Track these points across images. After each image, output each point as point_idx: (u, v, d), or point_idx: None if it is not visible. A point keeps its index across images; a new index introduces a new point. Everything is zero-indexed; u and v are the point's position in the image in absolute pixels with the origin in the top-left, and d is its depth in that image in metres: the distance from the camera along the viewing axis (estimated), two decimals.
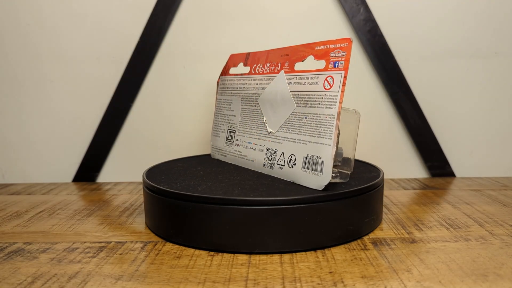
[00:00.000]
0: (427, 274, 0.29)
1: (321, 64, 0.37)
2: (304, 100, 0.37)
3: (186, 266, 0.31)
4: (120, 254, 0.34)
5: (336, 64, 0.35)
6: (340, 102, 0.34)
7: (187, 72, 0.58)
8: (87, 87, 0.58)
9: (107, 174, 0.60)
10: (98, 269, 0.31)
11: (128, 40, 0.57)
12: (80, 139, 0.59)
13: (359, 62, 0.57)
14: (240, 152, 0.45)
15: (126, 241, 0.36)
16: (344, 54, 0.35)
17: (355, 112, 0.38)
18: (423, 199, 0.48)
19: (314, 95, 0.36)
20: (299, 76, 0.39)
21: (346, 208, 0.35)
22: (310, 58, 0.38)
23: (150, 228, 0.39)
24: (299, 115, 0.38)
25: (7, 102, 0.58)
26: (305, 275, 0.29)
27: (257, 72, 0.44)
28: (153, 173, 0.43)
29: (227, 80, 0.49)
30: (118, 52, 0.57)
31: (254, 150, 0.43)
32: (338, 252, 0.33)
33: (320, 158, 0.35)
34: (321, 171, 0.35)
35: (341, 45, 0.35)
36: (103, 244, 0.36)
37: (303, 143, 0.37)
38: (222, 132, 0.49)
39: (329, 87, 0.35)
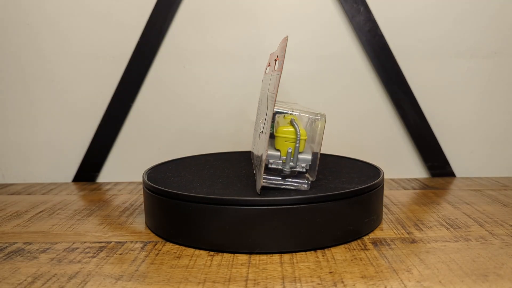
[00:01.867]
0: (427, 274, 0.29)
1: (278, 64, 0.36)
2: (269, 101, 0.37)
3: (186, 266, 0.31)
4: (120, 254, 0.34)
5: (280, 64, 0.34)
6: (273, 104, 0.33)
7: (187, 72, 0.58)
8: (87, 87, 0.58)
9: (107, 174, 0.60)
10: (98, 269, 0.31)
11: (128, 40, 0.57)
12: (80, 139, 0.59)
13: (359, 62, 0.57)
14: (254, 149, 0.46)
15: (126, 241, 0.36)
16: (283, 53, 0.33)
17: (320, 115, 0.36)
18: (423, 199, 0.48)
19: (270, 96, 0.36)
20: (274, 76, 0.38)
21: (346, 208, 0.35)
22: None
23: (150, 228, 0.39)
24: (269, 116, 0.37)
25: (7, 103, 0.58)
26: (305, 275, 0.29)
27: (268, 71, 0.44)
28: (153, 173, 0.43)
29: (263, 79, 0.49)
30: (118, 52, 0.57)
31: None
32: (338, 252, 0.33)
33: (262, 162, 0.34)
34: (260, 175, 0.34)
35: (283, 44, 0.34)
36: (103, 244, 0.36)
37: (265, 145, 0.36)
38: (255, 130, 0.49)
39: (273, 88, 0.34)
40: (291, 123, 0.35)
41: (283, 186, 0.36)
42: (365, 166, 0.45)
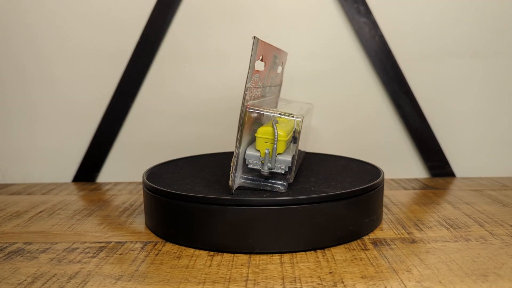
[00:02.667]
0: (427, 274, 0.29)
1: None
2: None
3: (186, 266, 0.31)
4: (120, 254, 0.34)
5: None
6: (243, 103, 0.33)
7: (187, 72, 0.58)
8: (87, 87, 0.58)
9: (107, 174, 0.60)
10: (98, 269, 0.31)
11: (128, 40, 0.57)
12: (80, 139, 0.59)
13: (359, 62, 0.57)
14: None
15: (126, 241, 0.36)
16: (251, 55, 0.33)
17: (296, 117, 0.35)
18: (423, 199, 0.48)
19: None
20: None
21: (346, 208, 0.35)
22: None
23: (150, 228, 0.39)
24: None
25: (7, 103, 0.58)
26: (305, 275, 0.29)
27: None
28: (153, 173, 0.43)
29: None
30: (118, 52, 0.57)
31: None
32: (338, 252, 0.33)
33: (233, 161, 0.34)
34: (232, 174, 0.34)
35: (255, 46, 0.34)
36: (103, 244, 0.36)
37: None
38: None
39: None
40: (272, 123, 0.35)
41: (259, 187, 0.35)
42: (366, 166, 0.45)
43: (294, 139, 0.41)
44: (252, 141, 0.36)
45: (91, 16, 0.56)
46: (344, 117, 0.59)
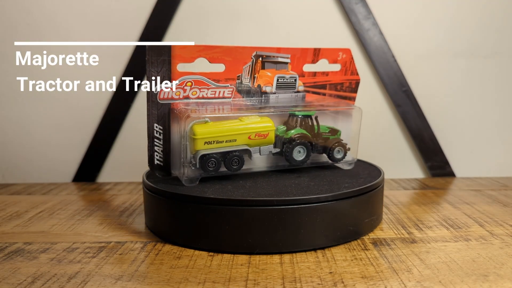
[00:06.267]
0: (427, 274, 0.29)
1: None
2: None
3: (186, 266, 0.31)
4: (120, 254, 0.34)
5: None
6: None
7: None
8: (87, 86, 0.58)
9: (107, 174, 0.59)
10: (98, 269, 0.31)
11: (129, 39, 0.57)
12: (80, 139, 0.59)
13: (359, 62, 0.57)
14: None
15: (126, 241, 0.36)
16: None
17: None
18: (423, 199, 0.48)
19: None
20: None
21: (346, 208, 0.35)
22: None
23: (150, 228, 0.39)
24: None
25: (7, 102, 0.58)
26: (305, 275, 0.30)
27: None
28: (153, 173, 0.43)
29: None
30: (118, 52, 0.57)
31: None
32: (338, 252, 0.33)
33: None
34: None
35: None
36: (103, 244, 0.36)
37: None
38: None
39: None
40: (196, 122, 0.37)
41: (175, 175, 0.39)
42: (365, 166, 0.45)
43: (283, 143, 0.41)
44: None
45: (90, 16, 0.56)
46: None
